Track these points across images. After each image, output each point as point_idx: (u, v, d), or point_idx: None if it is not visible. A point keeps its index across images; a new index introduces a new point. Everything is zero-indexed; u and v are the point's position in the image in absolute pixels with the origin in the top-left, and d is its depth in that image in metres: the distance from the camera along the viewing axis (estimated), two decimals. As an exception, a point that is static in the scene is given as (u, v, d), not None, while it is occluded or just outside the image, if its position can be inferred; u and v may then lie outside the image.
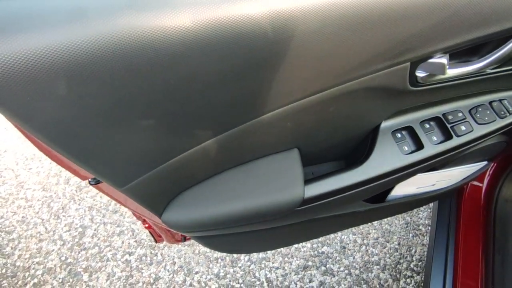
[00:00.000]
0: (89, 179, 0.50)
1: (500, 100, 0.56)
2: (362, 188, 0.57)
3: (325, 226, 0.82)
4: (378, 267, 1.31)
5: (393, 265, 1.31)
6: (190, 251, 1.39)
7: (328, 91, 0.42)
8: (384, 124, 0.55)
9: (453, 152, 0.56)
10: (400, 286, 1.25)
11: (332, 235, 1.42)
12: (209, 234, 0.61)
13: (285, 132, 0.49)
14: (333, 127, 0.53)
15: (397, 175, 0.57)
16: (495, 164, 0.97)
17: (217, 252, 1.38)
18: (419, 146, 0.55)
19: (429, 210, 1.47)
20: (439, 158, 0.56)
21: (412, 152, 0.55)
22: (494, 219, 0.92)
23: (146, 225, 0.88)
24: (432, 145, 0.54)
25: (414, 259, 1.32)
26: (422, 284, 1.26)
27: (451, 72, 0.46)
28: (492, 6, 0.40)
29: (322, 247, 1.38)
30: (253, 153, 0.52)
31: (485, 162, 0.77)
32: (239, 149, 0.49)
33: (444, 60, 0.43)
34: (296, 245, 1.39)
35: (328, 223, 0.79)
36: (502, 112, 0.55)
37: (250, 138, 0.47)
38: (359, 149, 0.62)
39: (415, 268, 1.30)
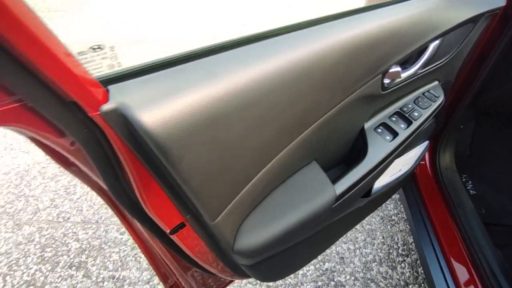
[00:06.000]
0: (169, 230, 0.51)
1: (428, 91, 0.82)
2: (372, 174, 0.72)
3: (342, 227, 0.93)
4: (375, 263, 1.43)
5: (386, 257, 1.46)
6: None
7: (338, 105, 0.58)
8: (366, 126, 0.74)
9: (417, 132, 0.77)
10: (399, 272, 1.39)
11: (328, 250, 1.51)
12: (264, 257, 0.65)
13: (309, 147, 0.61)
14: (340, 134, 0.68)
15: (390, 157, 0.74)
16: (429, 142, 1.27)
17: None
18: (395, 134, 0.75)
19: (393, 202, 1.72)
20: (410, 139, 0.76)
21: (393, 139, 0.74)
22: (445, 185, 1.17)
23: None
24: (403, 131, 0.75)
25: (399, 245, 1.50)
26: (415, 263, 1.42)
27: (403, 75, 0.69)
28: (416, 32, 0.65)
29: (324, 264, 1.45)
30: (287, 173, 0.62)
31: (426, 142, 1.03)
32: (282, 171, 0.59)
33: (398, 68, 0.65)
34: (301, 272, 1.42)
35: (343, 223, 0.90)
36: (433, 98, 0.81)
37: (291, 157, 0.58)
38: (352, 152, 0.78)
39: (403, 253, 1.47)
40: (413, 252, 1.48)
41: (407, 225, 1.59)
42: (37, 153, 2.13)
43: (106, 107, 0.35)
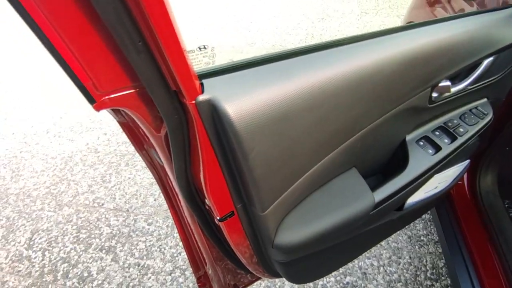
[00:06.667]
0: (218, 217, 0.55)
1: (476, 107, 0.79)
2: (411, 186, 0.70)
3: (373, 238, 0.92)
4: (400, 284, 1.37)
5: (412, 279, 1.39)
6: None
7: (387, 114, 0.59)
8: (408, 138, 0.73)
9: (461, 148, 0.74)
10: (426, 297, 1.32)
11: (350, 264, 1.47)
12: (299, 256, 0.67)
13: (352, 153, 0.62)
14: (382, 143, 0.69)
15: (431, 171, 0.73)
16: (470, 162, 1.20)
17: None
18: (438, 148, 0.73)
19: (423, 222, 1.64)
20: (453, 154, 0.74)
21: (436, 153, 0.72)
22: (485, 209, 1.10)
23: (200, 283, 0.88)
24: (447, 146, 0.73)
25: (428, 268, 1.43)
26: (443, 290, 1.34)
27: (452, 90, 0.68)
28: (471, 47, 0.64)
29: (345, 277, 1.41)
30: (329, 175, 0.64)
31: (467, 161, 0.98)
32: (326, 173, 0.61)
33: (448, 83, 0.64)
34: (321, 282, 1.40)
35: (375, 234, 0.89)
36: (480, 115, 0.78)
37: (335, 160, 0.59)
38: (390, 163, 0.78)
39: (432, 277, 1.39)
40: (443, 278, 1.39)
41: (438, 248, 1.51)
42: (80, 142, 2.31)
43: (202, 97, 0.41)
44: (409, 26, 0.61)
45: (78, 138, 2.35)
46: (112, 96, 0.37)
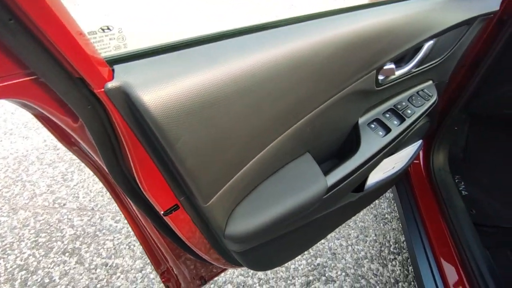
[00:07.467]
0: (162, 212, 0.52)
1: (422, 90, 0.83)
2: (364, 168, 0.73)
3: (333, 221, 0.94)
4: (367, 260, 1.45)
5: (377, 254, 1.47)
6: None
7: (332, 98, 0.59)
8: (360, 121, 0.75)
9: (410, 129, 0.78)
10: (389, 270, 1.41)
11: (320, 246, 1.52)
12: (254, 244, 0.66)
13: (302, 138, 0.62)
14: (333, 127, 0.69)
15: (382, 152, 0.75)
16: (424, 142, 1.28)
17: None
18: (388, 130, 0.76)
19: (387, 201, 1.73)
20: (402, 135, 0.77)
21: (386, 134, 0.75)
22: (438, 185, 1.18)
23: (164, 279, 0.86)
24: (396, 127, 0.76)
25: (391, 243, 1.52)
26: (405, 262, 1.44)
27: (397, 73, 0.70)
28: (411, 31, 0.66)
29: (316, 259, 1.46)
30: (280, 162, 0.63)
31: (420, 141, 1.04)
32: (275, 160, 0.60)
33: (392, 65, 0.66)
34: (293, 265, 1.44)
35: (334, 217, 0.92)
36: (426, 97, 0.82)
37: (284, 147, 0.58)
38: (345, 147, 0.80)
39: (394, 251, 1.49)
40: (404, 251, 1.49)
41: (400, 224, 1.61)
42: (36, 139, 2.14)
43: (110, 84, 0.37)
44: (349, 8, 0.60)
45: (33, 135, 2.17)
46: (0, 85, 0.31)
